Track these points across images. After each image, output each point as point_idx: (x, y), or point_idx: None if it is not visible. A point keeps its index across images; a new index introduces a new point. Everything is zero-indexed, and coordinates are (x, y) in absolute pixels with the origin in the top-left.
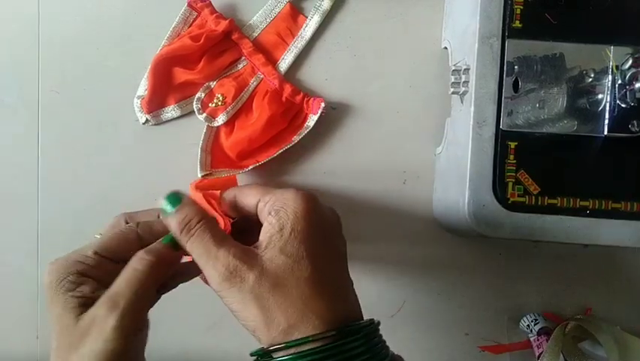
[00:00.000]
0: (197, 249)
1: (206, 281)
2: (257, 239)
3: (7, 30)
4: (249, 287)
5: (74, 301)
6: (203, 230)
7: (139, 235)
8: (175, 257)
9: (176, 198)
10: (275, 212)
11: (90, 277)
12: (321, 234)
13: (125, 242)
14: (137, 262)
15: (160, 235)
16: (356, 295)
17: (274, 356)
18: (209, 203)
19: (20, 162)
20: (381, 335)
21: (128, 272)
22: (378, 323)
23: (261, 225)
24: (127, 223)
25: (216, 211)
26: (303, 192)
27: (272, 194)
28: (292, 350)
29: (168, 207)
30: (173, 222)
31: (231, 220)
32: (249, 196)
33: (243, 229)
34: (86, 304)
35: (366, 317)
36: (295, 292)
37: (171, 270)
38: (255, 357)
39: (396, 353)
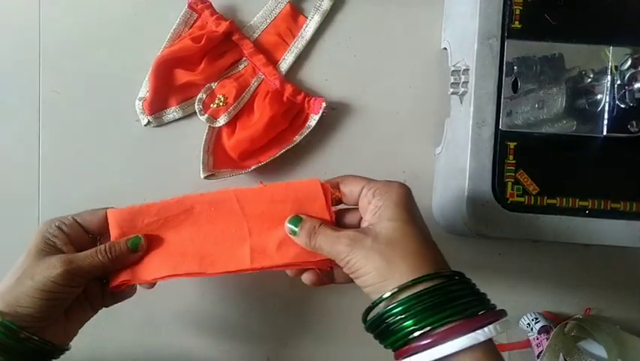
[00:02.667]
0: (323, 240)
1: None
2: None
3: (9, 31)
4: (369, 245)
5: (46, 246)
6: (323, 228)
7: (105, 213)
8: (130, 257)
9: (297, 219)
10: (380, 195)
11: (66, 234)
12: (415, 206)
13: (94, 216)
14: (100, 252)
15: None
16: None
17: (398, 298)
18: (326, 193)
19: (21, 162)
20: None
21: (92, 253)
22: None
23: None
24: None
25: (327, 205)
26: (399, 182)
27: (375, 182)
28: (419, 288)
29: (294, 228)
30: (302, 238)
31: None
32: (354, 184)
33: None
34: (53, 250)
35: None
36: (409, 246)
37: (124, 265)
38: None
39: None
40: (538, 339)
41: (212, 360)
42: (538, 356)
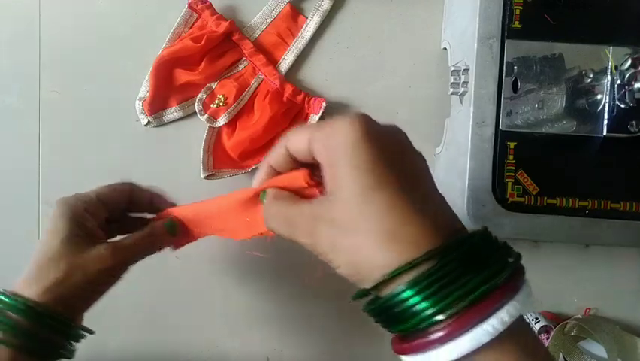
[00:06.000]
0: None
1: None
2: None
3: (8, 31)
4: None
5: (81, 231)
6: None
7: (132, 189)
8: (169, 240)
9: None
10: (327, 151)
11: (92, 214)
12: (387, 157)
13: (121, 193)
14: (144, 238)
15: (147, 193)
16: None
17: (391, 290)
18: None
19: (21, 163)
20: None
21: (137, 240)
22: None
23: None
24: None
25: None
26: (350, 117)
27: (320, 130)
28: (405, 278)
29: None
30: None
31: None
32: (298, 141)
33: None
34: (88, 236)
35: (366, 316)
36: (386, 221)
37: (162, 248)
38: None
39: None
40: None
41: (212, 360)
42: None
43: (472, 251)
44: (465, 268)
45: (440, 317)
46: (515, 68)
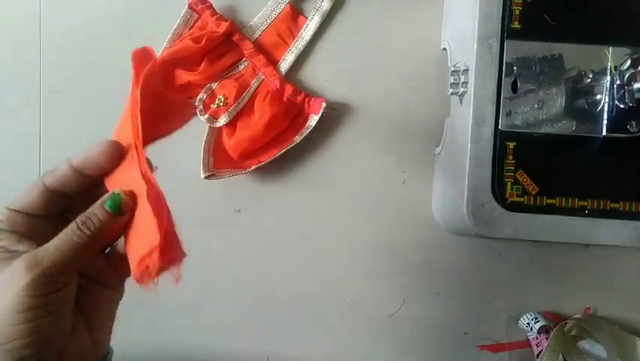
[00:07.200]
0: None
1: None
2: None
3: (9, 30)
4: None
5: None
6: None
7: (44, 183)
8: (119, 225)
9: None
10: None
11: (8, 231)
12: None
13: (32, 192)
14: (74, 233)
15: (62, 175)
16: None
17: None
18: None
19: (21, 162)
20: None
21: (62, 238)
22: None
23: None
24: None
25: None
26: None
27: None
28: None
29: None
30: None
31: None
32: None
33: None
34: (4, 255)
35: (365, 316)
36: None
37: (114, 238)
38: None
39: (394, 352)
40: (537, 339)
41: (213, 360)
42: (537, 356)
43: None
44: None
45: None
46: (515, 68)
